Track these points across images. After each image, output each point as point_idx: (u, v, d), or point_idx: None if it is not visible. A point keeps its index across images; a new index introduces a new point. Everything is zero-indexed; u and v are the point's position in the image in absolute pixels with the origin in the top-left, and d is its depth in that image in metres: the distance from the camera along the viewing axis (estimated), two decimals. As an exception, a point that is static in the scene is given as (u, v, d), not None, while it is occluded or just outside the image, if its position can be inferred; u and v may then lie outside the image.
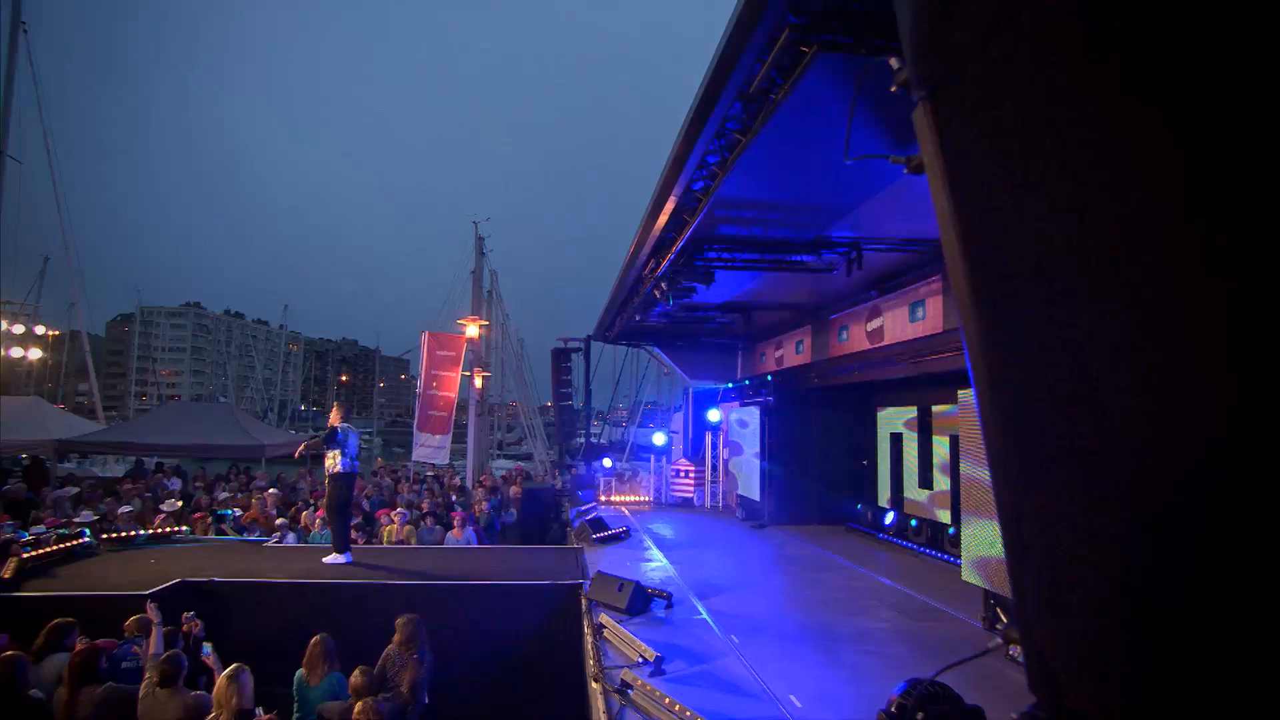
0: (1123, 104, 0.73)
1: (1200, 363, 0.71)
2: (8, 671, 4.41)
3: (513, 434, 43.68)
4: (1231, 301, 0.68)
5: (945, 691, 2.14)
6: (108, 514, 9.99)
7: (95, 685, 4.45)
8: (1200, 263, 0.70)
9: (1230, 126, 0.67)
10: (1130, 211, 0.73)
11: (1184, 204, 0.70)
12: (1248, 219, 0.66)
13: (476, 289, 19.81)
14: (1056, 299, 0.80)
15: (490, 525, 11.11)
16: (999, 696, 3.20)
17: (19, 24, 16.52)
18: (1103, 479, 0.80)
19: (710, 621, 6.55)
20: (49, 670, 4.83)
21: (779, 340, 13.67)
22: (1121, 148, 0.74)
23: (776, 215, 7.18)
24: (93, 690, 4.41)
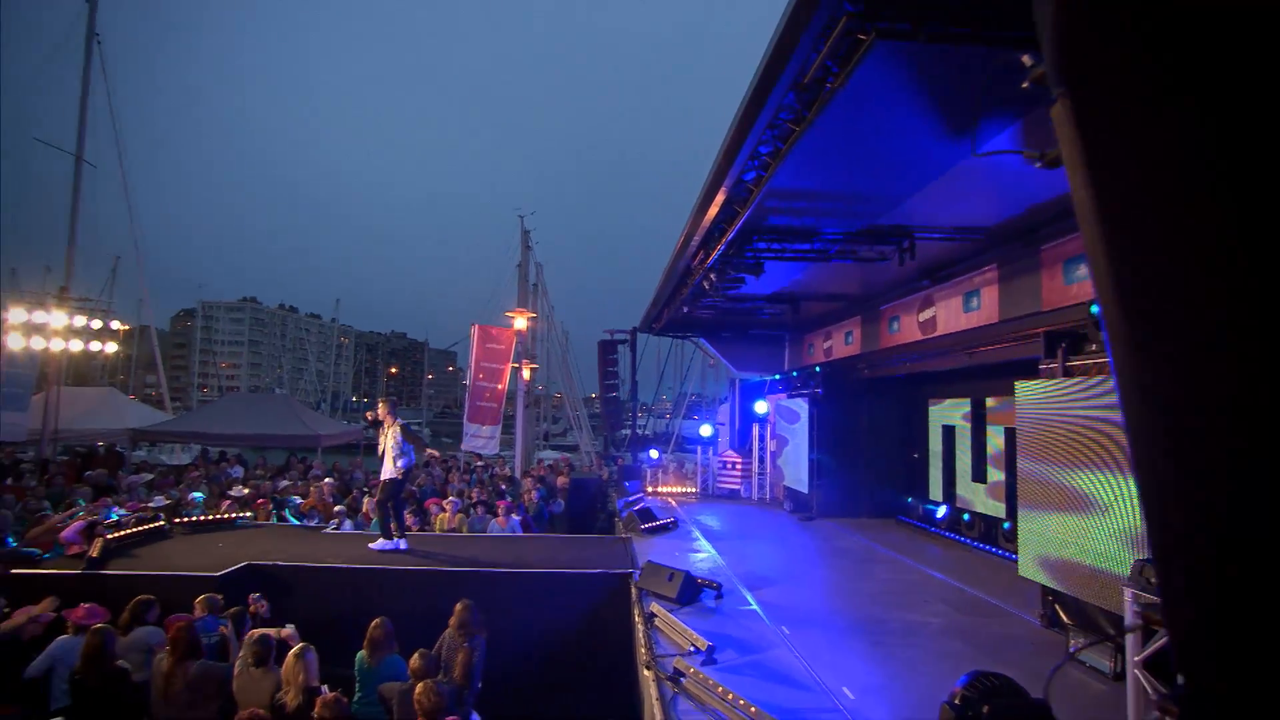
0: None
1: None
2: (98, 643, 4.72)
3: (558, 425, 44.13)
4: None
5: (1010, 685, 2.11)
6: (178, 500, 10.47)
7: (194, 659, 4.70)
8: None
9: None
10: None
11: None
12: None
13: (522, 282, 20.08)
14: (1202, 307, 0.79)
15: (539, 514, 11.28)
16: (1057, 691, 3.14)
17: (93, 36, 17.31)
18: (1256, 482, 0.79)
19: (760, 612, 6.56)
20: (132, 643, 5.12)
21: (828, 331, 13.49)
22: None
23: (828, 205, 7.09)
24: (192, 664, 4.66)
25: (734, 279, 8.69)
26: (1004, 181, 6.17)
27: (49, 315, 15.04)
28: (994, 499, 9.24)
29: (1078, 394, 5.64)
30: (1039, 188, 6.25)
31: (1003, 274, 8.10)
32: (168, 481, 12.88)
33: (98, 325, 16.58)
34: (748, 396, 15.81)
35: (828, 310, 12.73)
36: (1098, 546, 5.28)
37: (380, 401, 8.26)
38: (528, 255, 20.49)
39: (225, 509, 9.74)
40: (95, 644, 4.76)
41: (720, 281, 8.76)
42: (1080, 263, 6.64)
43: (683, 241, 8.64)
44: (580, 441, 22.48)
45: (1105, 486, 5.26)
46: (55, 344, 15.29)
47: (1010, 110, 4.60)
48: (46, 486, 11.21)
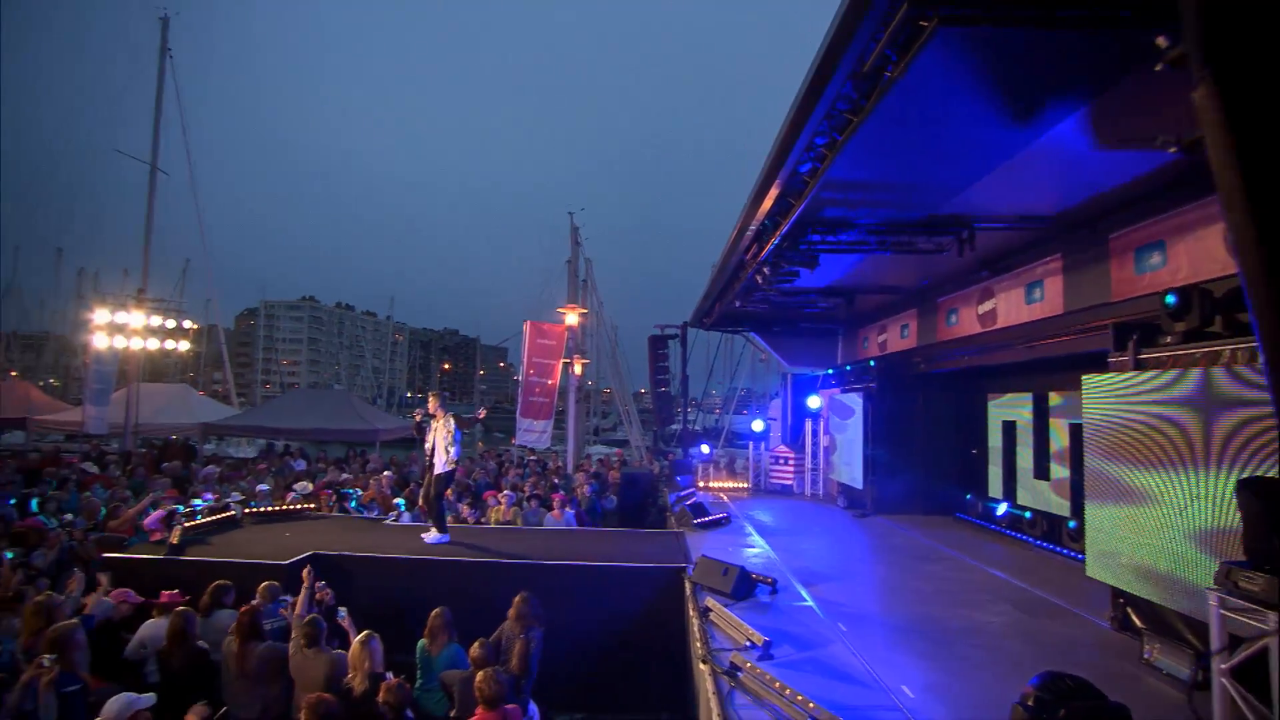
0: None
1: None
2: (181, 624, 5.03)
3: (607, 420, 44.43)
4: None
5: (1087, 688, 2.02)
6: (247, 491, 10.94)
7: (258, 641, 4.94)
8: None
9: None
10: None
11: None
12: None
13: (572, 278, 20.26)
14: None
15: (592, 509, 11.40)
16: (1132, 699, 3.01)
17: (165, 51, 18.19)
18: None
19: (816, 608, 6.51)
20: (213, 626, 5.40)
21: (882, 324, 13.22)
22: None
23: (885, 196, 6.94)
24: (257, 645, 4.90)
25: (788, 272, 8.59)
26: (1068, 168, 5.96)
27: (129, 316, 15.86)
28: (1058, 496, 8.94)
29: (1152, 388, 5.42)
30: (1105, 174, 6.03)
31: (1067, 264, 7.81)
32: (236, 474, 13.47)
33: (172, 325, 17.38)
34: (800, 391, 15.63)
35: (883, 303, 12.48)
36: (1174, 548, 5.07)
37: (431, 395, 8.46)
38: (577, 251, 20.69)
39: (290, 500, 10.14)
40: (178, 625, 5.06)
41: (774, 275, 8.67)
42: (1153, 251, 6.36)
43: (735, 235, 8.59)
44: (630, 436, 22.57)
45: (1181, 485, 5.04)
46: (135, 343, 16.13)
47: (1078, 93, 4.44)
48: (129, 477, 11.84)
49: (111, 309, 15.71)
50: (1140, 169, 5.74)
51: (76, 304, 31.59)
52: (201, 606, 5.55)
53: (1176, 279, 5.92)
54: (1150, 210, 6.34)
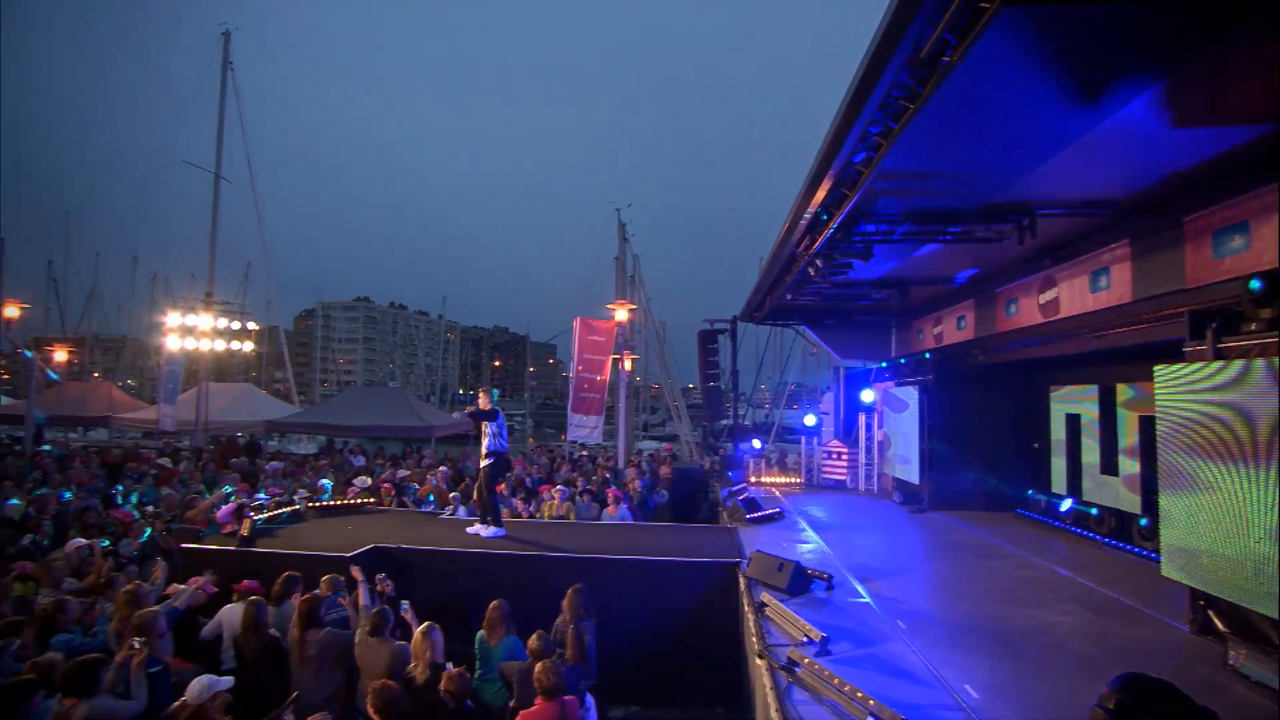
0: None
1: None
2: (254, 612, 5.28)
3: (656, 415, 44.49)
4: None
5: (1173, 691, 1.91)
6: (309, 486, 11.32)
7: (318, 629, 5.13)
8: None
9: None
10: None
11: None
12: None
13: (620, 274, 20.32)
14: None
15: (643, 504, 11.44)
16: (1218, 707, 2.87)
17: (227, 64, 18.92)
18: None
19: (873, 605, 6.41)
20: (283, 615, 5.62)
21: (938, 316, 12.88)
22: None
23: (942, 184, 6.74)
24: (316, 633, 5.09)
25: (841, 264, 8.44)
26: (1139, 149, 5.68)
27: (198, 318, 16.58)
28: (1128, 492, 8.58)
29: (1233, 379, 5.14)
30: (1180, 154, 5.72)
31: (1137, 249, 7.47)
32: (299, 469, 13.96)
33: (236, 326, 18.10)
34: (853, 385, 15.38)
35: (938, 294, 12.16)
36: (1262, 549, 4.81)
37: (481, 391, 8.62)
38: (625, 248, 20.74)
39: (351, 495, 10.46)
40: (251, 613, 5.30)
41: (826, 267, 8.53)
42: (1234, 233, 6.02)
43: (787, 227, 8.47)
44: (680, 432, 22.55)
45: (1268, 482, 4.78)
46: (203, 344, 16.86)
47: (1151, 70, 4.24)
48: (201, 472, 12.40)
49: (182, 312, 16.46)
50: (1219, 146, 5.43)
51: (150, 308, 33.20)
52: (273, 596, 5.78)
53: (1261, 262, 5.60)
54: (1231, 190, 6.00)
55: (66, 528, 8.17)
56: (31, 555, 6.73)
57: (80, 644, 4.79)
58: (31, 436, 17.80)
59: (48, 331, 35.56)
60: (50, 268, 37.45)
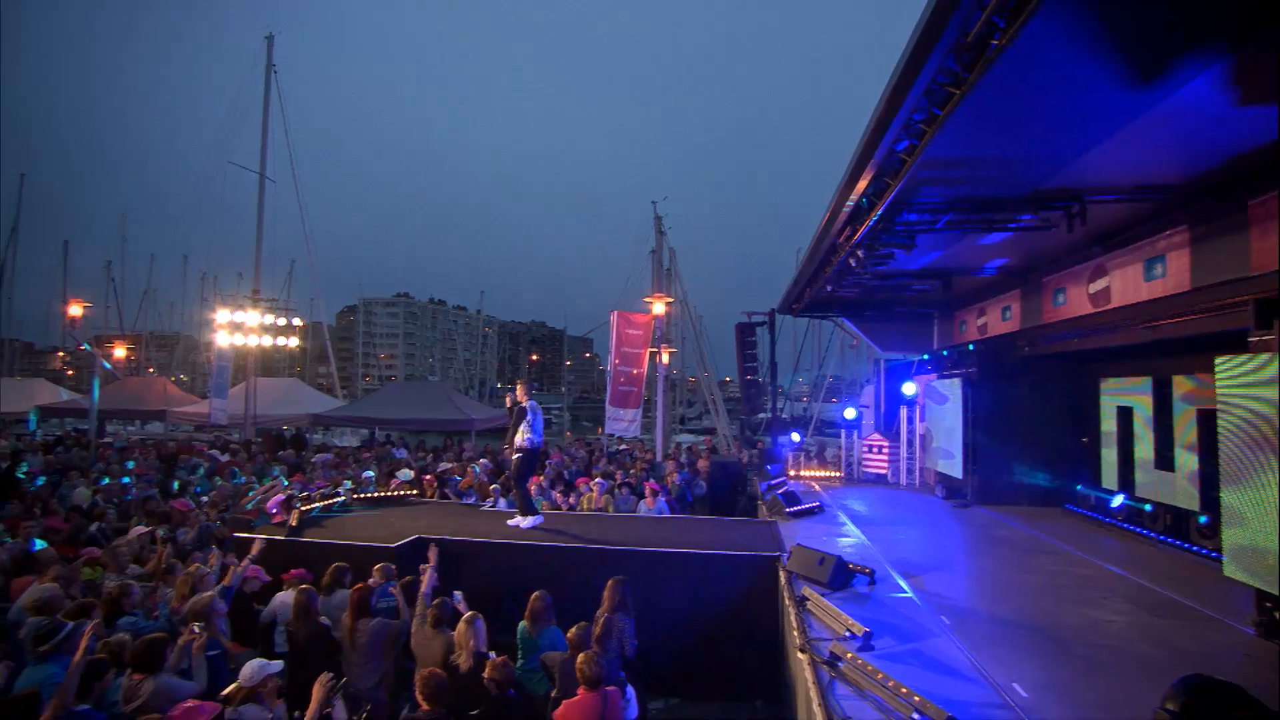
0: None
1: None
2: (304, 600, 5.44)
3: (693, 409, 44.42)
4: None
5: (1242, 695, 1.80)
6: (354, 478, 11.59)
7: (369, 618, 5.26)
8: None
9: None
10: None
11: None
12: None
13: (657, 267, 20.32)
14: None
15: (682, 496, 11.45)
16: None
17: (270, 67, 19.39)
18: None
19: (916, 600, 6.31)
20: (333, 604, 5.78)
21: (982, 307, 12.58)
22: None
23: (987, 172, 6.55)
24: (367, 622, 5.22)
25: (883, 255, 8.27)
26: (1199, 130, 5.43)
27: (246, 315, 17.07)
28: (1186, 488, 8.27)
29: (1301, 369, 4.92)
30: (1245, 134, 5.44)
31: (1195, 235, 7.17)
32: (343, 462, 14.31)
33: (282, 322, 18.56)
34: (894, 377, 15.12)
35: (983, 284, 11.86)
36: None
37: (519, 383, 8.68)
38: (661, 241, 20.73)
39: (395, 487, 10.67)
40: (302, 601, 5.46)
41: (868, 258, 8.37)
42: (1303, 218, 5.74)
43: (827, 218, 8.34)
44: (717, 425, 22.48)
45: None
46: (251, 340, 17.35)
47: (1216, 47, 4.05)
48: (251, 464, 12.79)
49: (230, 309, 16.96)
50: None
51: (200, 305, 34.32)
52: (323, 586, 5.95)
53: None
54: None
55: (129, 516, 8.52)
56: (98, 542, 7.05)
57: (144, 626, 5.00)
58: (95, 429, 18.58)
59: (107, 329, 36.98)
60: (109, 268, 38.96)
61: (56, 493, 9.86)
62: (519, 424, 8.27)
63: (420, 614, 5.37)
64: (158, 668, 4.15)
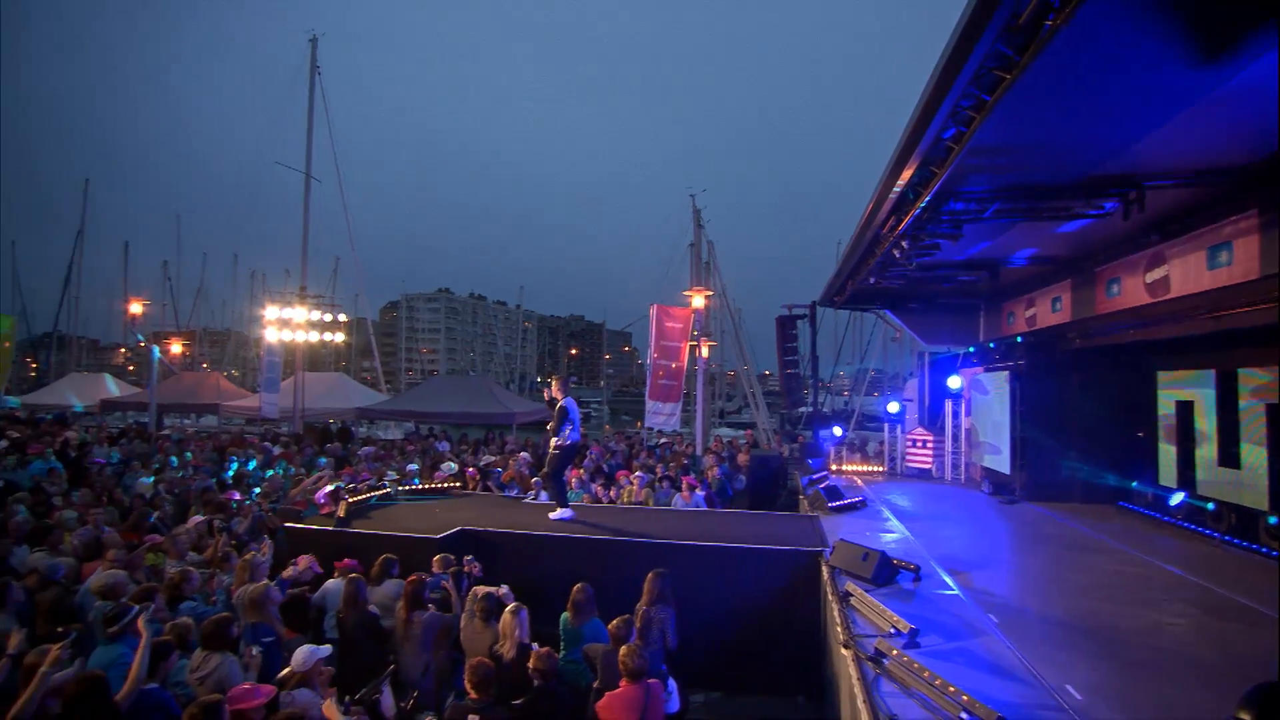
0: None
1: None
2: (353, 590, 5.58)
3: (732, 403, 44.19)
4: None
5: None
6: (398, 470, 11.81)
7: (423, 610, 5.36)
8: None
9: None
10: None
11: None
12: None
13: (695, 261, 20.22)
14: None
15: (722, 490, 11.40)
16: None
17: (314, 68, 19.79)
18: None
19: (963, 598, 6.18)
20: (381, 593, 5.90)
21: (1030, 298, 12.20)
22: None
23: (1038, 158, 6.30)
24: (421, 614, 5.33)
25: (928, 246, 8.08)
26: (1267, 110, 5.15)
27: (293, 311, 17.51)
28: (1254, 487, 7.92)
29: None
30: (1318, 114, 5.17)
31: (1265, 221, 6.81)
32: (387, 454, 14.60)
33: (328, 318, 18.99)
34: (938, 370, 14.81)
35: (1031, 275, 11.51)
36: None
37: (554, 379, 8.73)
38: (700, 234, 20.61)
39: (439, 479, 10.85)
40: (351, 591, 5.60)
41: (912, 249, 8.18)
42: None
43: (871, 208, 8.18)
44: (757, 419, 22.31)
45: None
46: (298, 335, 17.80)
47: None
48: (299, 456, 13.14)
49: (279, 306, 17.42)
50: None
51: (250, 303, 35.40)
52: (372, 576, 6.08)
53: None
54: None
55: (187, 506, 8.85)
56: (160, 529, 7.35)
57: (204, 611, 5.19)
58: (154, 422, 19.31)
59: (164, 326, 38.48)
60: (165, 267, 40.48)
61: (120, 481, 10.29)
62: (560, 421, 8.32)
63: (470, 608, 5.45)
64: (225, 646, 4.34)
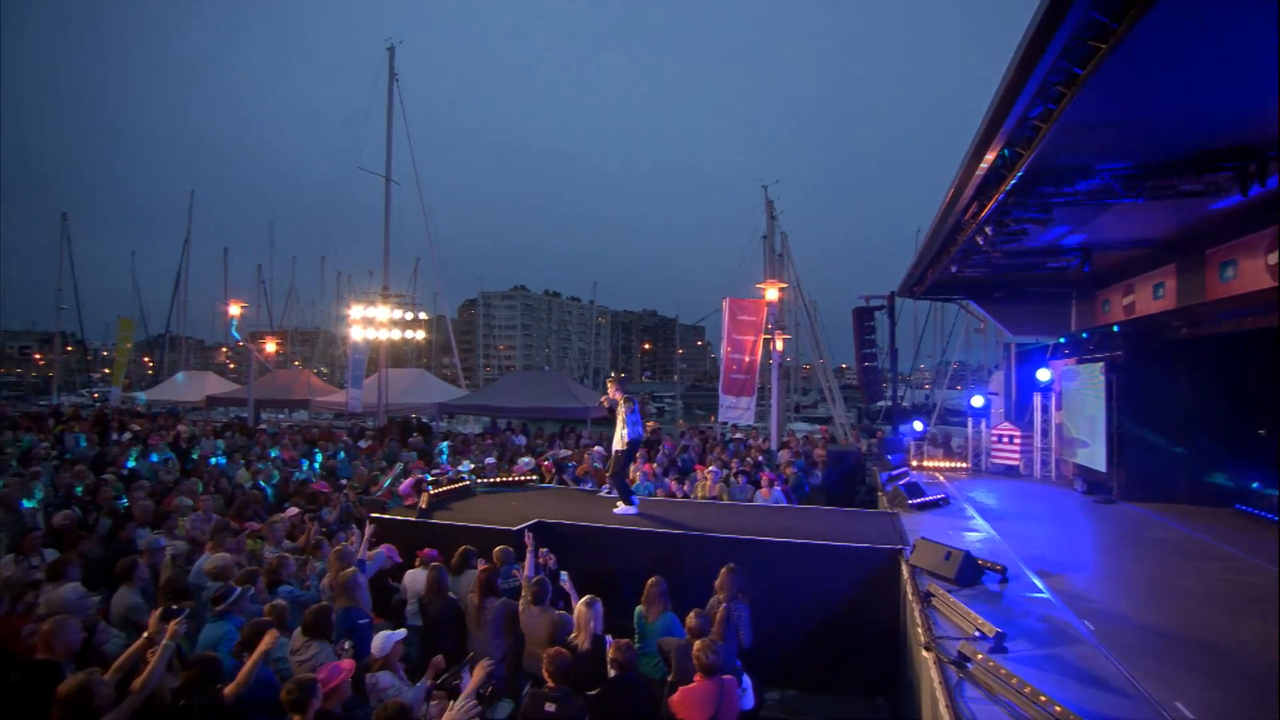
0: None
1: None
2: (436, 578, 5.81)
3: (808, 397, 43.44)
4: None
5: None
6: (477, 463, 12.16)
7: (495, 598, 5.51)
8: None
9: None
10: None
11: None
12: None
13: (768, 252, 19.93)
14: None
15: (798, 486, 11.22)
16: None
17: (393, 75, 20.54)
18: None
19: (1055, 602, 5.85)
20: (464, 584, 6.10)
21: (1129, 284, 11.41)
22: None
23: (1139, 134, 5.89)
24: (493, 601, 5.48)
25: (1014, 231, 7.64)
26: None
27: (376, 310, 18.26)
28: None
29: None
30: None
31: None
32: (466, 448, 15.04)
33: (409, 316, 19.71)
34: (1026, 362, 14.06)
35: (1129, 259, 10.76)
36: None
37: (609, 381, 8.92)
38: (773, 225, 20.29)
39: (515, 472, 11.11)
40: (434, 578, 5.83)
41: (997, 235, 7.77)
42: None
43: (951, 194, 7.82)
44: (833, 413, 21.83)
45: None
46: (382, 334, 18.55)
47: None
48: (384, 449, 13.72)
49: (363, 305, 18.20)
50: None
51: (337, 302, 37.20)
52: (453, 566, 6.29)
53: None
54: None
55: (283, 496, 9.41)
56: (260, 517, 7.84)
57: (300, 595, 5.51)
58: (252, 417, 20.54)
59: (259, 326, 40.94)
60: (259, 270, 43.02)
61: (224, 471, 11.02)
62: (621, 420, 8.57)
63: (523, 594, 5.58)
64: (324, 634, 4.61)
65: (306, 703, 3.52)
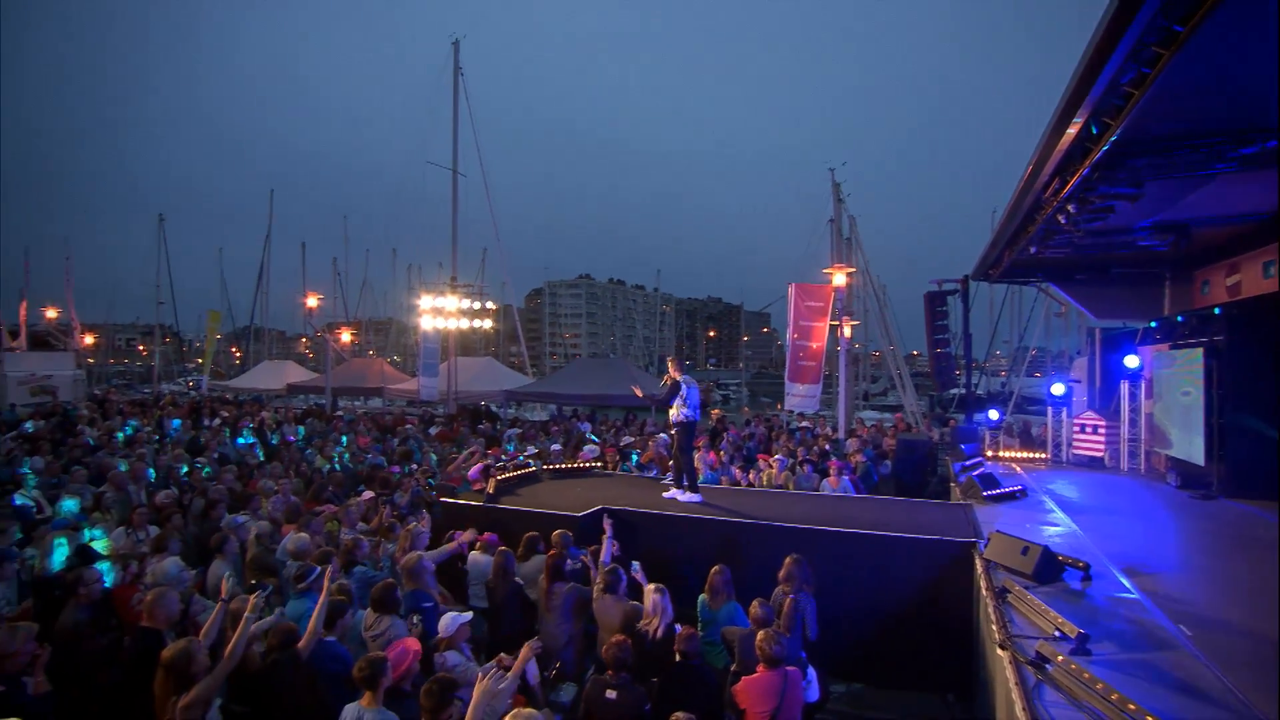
0: None
1: None
2: (503, 562, 5.97)
3: (877, 385, 42.36)
4: None
5: None
6: (543, 450, 12.35)
7: (563, 583, 5.59)
8: None
9: None
10: None
11: None
12: None
13: (836, 237, 19.44)
14: None
15: (867, 476, 10.95)
16: None
17: (457, 70, 20.92)
18: None
19: (1144, 604, 5.51)
20: (530, 569, 6.22)
21: (1233, 263, 10.56)
22: None
23: (1246, 97, 5.39)
24: (561, 586, 5.57)
25: (1100, 209, 7.12)
26: None
27: (446, 300, 18.75)
28: None
29: None
30: None
31: None
32: (532, 434, 15.31)
33: (477, 306, 20.16)
34: (1112, 348, 13.25)
35: (1233, 236, 9.94)
36: None
37: (670, 361, 8.83)
38: (840, 209, 19.77)
39: (581, 458, 11.23)
40: (500, 563, 5.98)
41: (1081, 213, 7.28)
42: None
43: (1030, 171, 7.38)
44: (904, 401, 21.18)
45: None
46: (451, 323, 19.04)
47: None
48: (454, 435, 14.10)
49: (433, 295, 18.71)
50: None
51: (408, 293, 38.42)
52: (519, 555, 6.42)
53: None
54: None
55: (358, 480, 9.81)
56: (337, 500, 8.21)
57: (373, 575, 5.73)
58: (330, 404, 21.45)
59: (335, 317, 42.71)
60: (334, 263, 44.83)
61: (304, 456, 11.56)
62: (672, 394, 8.42)
63: (597, 582, 5.62)
64: (392, 609, 4.82)
65: (377, 680, 3.70)
